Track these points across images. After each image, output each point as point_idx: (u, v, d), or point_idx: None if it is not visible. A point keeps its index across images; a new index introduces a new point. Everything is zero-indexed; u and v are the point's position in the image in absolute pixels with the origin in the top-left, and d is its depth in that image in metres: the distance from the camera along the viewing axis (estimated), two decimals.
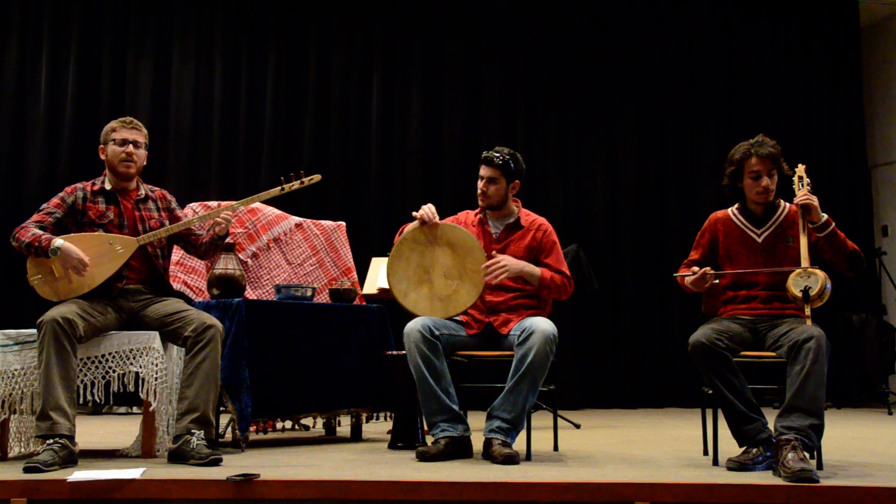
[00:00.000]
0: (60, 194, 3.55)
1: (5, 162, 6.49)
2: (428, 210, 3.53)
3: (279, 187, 3.67)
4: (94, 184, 3.59)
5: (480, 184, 3.66)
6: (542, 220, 3.72)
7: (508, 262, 3.47)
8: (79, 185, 3.59)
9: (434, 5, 7.29)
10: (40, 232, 3.36)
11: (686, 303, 6.61)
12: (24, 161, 6.51)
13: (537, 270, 3.55)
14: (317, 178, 3.73)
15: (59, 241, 3.32)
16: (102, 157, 3.60)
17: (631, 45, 7.54)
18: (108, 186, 3.57)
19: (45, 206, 3.52)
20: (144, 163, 3.63)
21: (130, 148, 3.54)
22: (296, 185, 3.68)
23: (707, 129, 7.51)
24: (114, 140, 3.55)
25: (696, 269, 3.27)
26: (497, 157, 3.60)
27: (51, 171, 6.50)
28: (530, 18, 7.41)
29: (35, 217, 3.46)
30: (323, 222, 4.85)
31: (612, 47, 7.54)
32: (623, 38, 7.54)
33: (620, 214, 7.36)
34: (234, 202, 3.74)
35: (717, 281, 3.28)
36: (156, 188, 3.74)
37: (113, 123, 3.60)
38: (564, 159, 7.32)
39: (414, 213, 3.55)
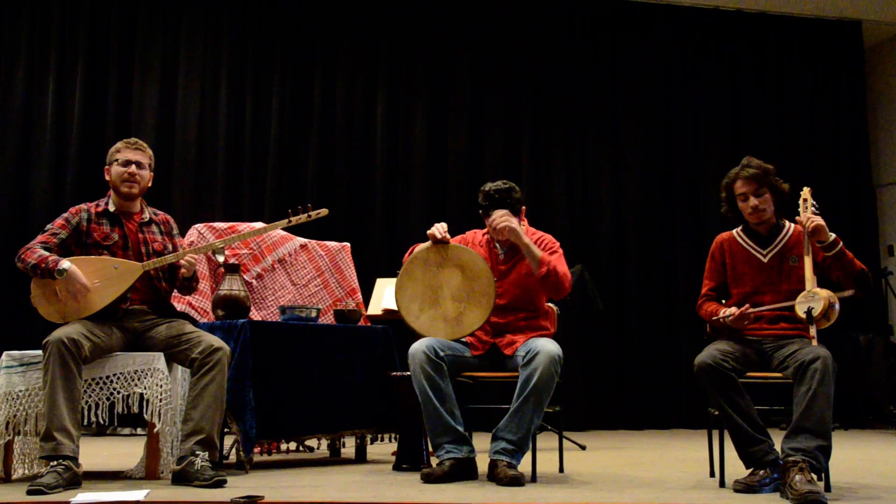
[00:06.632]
0: (65, 215, 3.54)
1: (12, 184, 6.49)
2: (440, 228, 3.53)
3: (286, 220, 3.68)
4: (98, 205, 3.59)
5: (496, 235, 3.60)
6: (548, 237, 3.69)
7: (514, 223, 3.47)
8: (83, 205, 3.59)
9: (438, 24, 7.34)
10: (46, 253, 3.36)
11: (692, 323, 6.59)
12: (30, 183, 6.52)
13: (539, 252, 3.51)
14: (324, 212, 3.74)
15: (66, 264, 3.32)
16: (107, 177, 3.60)
17: (636, 65, 7.58)
18: (111, 208, 3.57)
19: (49, 226, 3.50)
20: (149, 184, 3.64)
21: (133, 168, 3.54)
22: (302, 218, 3.69)
23: (712, 149, 7.53)
24: (117, 160, 3.56)
25: (733, 309, 3.25)
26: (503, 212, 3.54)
27: (57, 193, 6.50)
28: (535, 38, 7.45)
29: (40, 238, 3.45)
30: (328, 243, 4.85)
31: (618, 66, 7.58)
32: (628, 58, 7.59)
33: (625, 234, 7.36)
34: (214, 243, 3.67)
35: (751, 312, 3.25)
36: (160, 212, 3.75)
37: (118, 144, 3.62)
38: (569, 179, 7.34)
39: (428, 232, 3.55)
